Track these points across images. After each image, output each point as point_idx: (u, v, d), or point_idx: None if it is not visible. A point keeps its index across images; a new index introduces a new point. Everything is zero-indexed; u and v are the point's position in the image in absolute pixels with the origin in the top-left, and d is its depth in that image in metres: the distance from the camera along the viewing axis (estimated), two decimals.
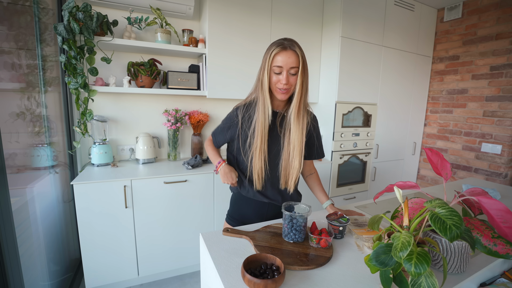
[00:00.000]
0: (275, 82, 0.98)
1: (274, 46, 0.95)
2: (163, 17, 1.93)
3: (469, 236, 0.62)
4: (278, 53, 0.94)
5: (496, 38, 2.39)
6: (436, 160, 0.73)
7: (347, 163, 2.46)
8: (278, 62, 0.94)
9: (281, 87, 0.98)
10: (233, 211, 1.22)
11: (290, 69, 0.95)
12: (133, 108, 2.11)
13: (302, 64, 0.96)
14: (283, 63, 0.94)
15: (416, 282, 0.53)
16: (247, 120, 1.06)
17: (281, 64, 0.94)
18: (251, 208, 1.16)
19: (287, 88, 0.98)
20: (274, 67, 0.96)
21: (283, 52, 0.94)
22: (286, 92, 0.99)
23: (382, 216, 0.71)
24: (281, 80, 0.96)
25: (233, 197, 1.23)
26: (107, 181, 1.59)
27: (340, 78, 2.27)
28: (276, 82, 0.98)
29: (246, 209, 1.17)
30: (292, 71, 0.96)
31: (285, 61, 0.94)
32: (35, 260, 1.35)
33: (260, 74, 1.01)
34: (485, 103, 2.49)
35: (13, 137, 1.21)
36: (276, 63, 0.95)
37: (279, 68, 0.95)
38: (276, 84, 0.98)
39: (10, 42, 1.24)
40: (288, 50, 0.94)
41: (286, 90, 0.99)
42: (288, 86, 0.98)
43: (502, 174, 2.40)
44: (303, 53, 0.98)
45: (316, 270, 0.74)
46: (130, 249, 1.73)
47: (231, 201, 1.24)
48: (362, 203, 1.32)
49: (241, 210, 1.18)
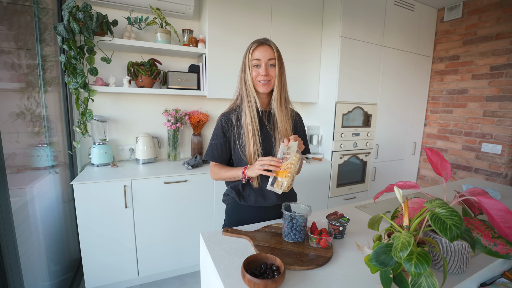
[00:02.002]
0: (255, 76, 1.05)
1: (251, 44, 1.06)
2: (163, 17, 1.93)
3: (469, 236, 0.62)
4: (255, 48, 1.04)
5: (496, 38, 2.39)
6: (436, 160, 0.73)
7: (347, 163, 2.46)
8: (256, 56, 1.03)
9: (262, 79, 1.04)
10: (231, 221, 1.18)
11: (268, 61, 1.03)
12: (133, 108, 2.11)
13: (278, 57, 1.05)
14: (260, 56, 1.03)
15: (416, 282, 0.53)
16: (237, 122, 1.09)
17: (259, 57, 1.03)
18: (251, 216, 1.13)
19: (268, 80, 1.05)
20: (254, 60, 1.04)
21: (260, 47, 1.04)
22: (267, 83, 1.05)
23: (382, 216, 0.71)
24: (261, 72, 1.04)
25: (230, 207, 1.19)
26: (107, 181, 1.59)
27: (340, 78, 2.27)
28: (256, 75, 1.05)
29: (245, 217, 1.14)
30: (270, 63, 1.04)
31: (262, 54, 1.03)
32: (35, 260, 1.35)
33: (242, 73, 1.08)
34: (485, 103, 2.49)
35: (13, 137, 1.21)
36: (255, 57, 1.03)
37: (258, 61, 1.03)
38: (257, 78, 1.05)
39: (10, 42, 1.24)
40: (264, 45, 1.04)
41: (267, 81, 1.05)
42: (268, 77, 1.04)
43: (502, 174, 2.39)
44: (278, 49, 1.07)
45: (316, 270, 0.74)
46: (130, 249, 1.72)
47: (228, 212, 1.20)
48: (362, 203, 1.32)
49: (240, 220, 1.14)
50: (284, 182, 0.90)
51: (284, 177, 0.90)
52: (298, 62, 2.35)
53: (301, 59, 2.36)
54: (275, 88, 1.07)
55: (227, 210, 1.21)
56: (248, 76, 1.05)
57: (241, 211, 1.14)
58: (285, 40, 2.24)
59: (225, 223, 1.20)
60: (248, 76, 1.05)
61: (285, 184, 0.90)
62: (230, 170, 1.08)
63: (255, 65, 1.04)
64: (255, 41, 1.06)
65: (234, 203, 1.16)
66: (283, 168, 0.91)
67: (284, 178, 0.90)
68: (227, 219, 1.21)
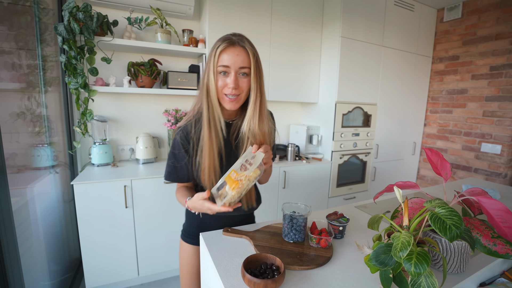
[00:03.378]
0: (221, 87, 0.80)
1: (219, 42, 0.78)
2: (163, 17, 1.93)
3: (468, 236, 0.62)
4: (224, 49, 0.77)
5: (496, 38, 2.39)
6: (436, 160, 0.73)
7: (347, 163, 2.46)
8: (225, 61, 0.77)
9: (229, 93, 0.79)
10: (191, 226, 1.02)
11: (240, 70, 0.78)
12: (133, 108, 2.11)
13: (255, 64, 0.79)
14: (230, 61, 0.77)
15: (416, 282, 0.54)
16: (198, 140, 0.86)
17: (227, 63, 0.77)
18: (213, 223, 1.00)
19: (237, 94, 0.80)
20: (220, 67, 0.78)
21: (231, 48, 0.77)
22: (235, 100, 0.81)
23: (382, 216, 0.71)
24: (228, 83, 0.78)
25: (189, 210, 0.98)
26: (107, 181, 1.60)
27: (340, 78, 2.27)
28: (222, 86, 0.80)
29: (207, 223, 1.00)
30: (242, 71, 0.79)
31: (232, 60, 0.77)
32: (36, 260, 1.35)
33: (204, 78, 0.82)
34: (484, 103, 2.50)
35: (13, 137, 1.21)
36: (222, 62, 0.77)
37: (226, 68, 0.78)
38: (223, 90, 0.80)
39: (10, 42, 1.25)
40: (237, 46, 0.77)
41: (236, 97, 0.81)
42: (238, 91, 0.80)
43: (501, 174, 2.40)
44: (256, 51, 0.81)
45: (316, 270, 0.74)
46: (130, 249, 1.73)
47: (188, 215, 1.04)
48: (362, 203, 1.32)
49: (201, 226, 1.00)
50: (228, 194, 0.74)
51: (231, 189, 0.74)
52: (298, 62, 2.35)
53: (301, 59, 2.36)
54: (250, 104, 0.83)
55: (187, 213, 1.05)
56: (213, 84, 0.79)
57: (203, 215, 0.99)
58: (285, 40, 2.24)
59: (184, 227, 1.06)
60: (212, 84, 0.79)
61: (227, 198, 0.73)
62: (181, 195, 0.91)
63: (222, 72, 0.79)
64: (225, 37, 0.79)
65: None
66: (236, 178, 0.75)
67: (230, 190, 0.74)
68: (186, 223, 1.05)
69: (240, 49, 0.78)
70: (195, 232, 1.02)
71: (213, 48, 0.79)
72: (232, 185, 0.74)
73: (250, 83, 0.81)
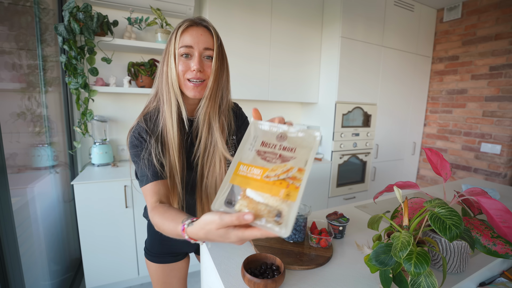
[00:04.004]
0: (183, 71, 0.71)
1: (180, 23, 0.71)
2: (163, 17, 1.93)
3: (468, 235, 0.62)
4: (186, 29, 0.70)
5: (496, 38, 2.39)
6: (436, 160, 0.74)
7: (347, 163, 2.46)
8: (187, 41, 0.69)
9: (192, 76, 0.71)
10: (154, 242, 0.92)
11: (204, 51, 0.71)
12: (134, 108, 2.11)
13: (218, 46, 0.73)
14: (193, 41, 0.70)
15: (415, 281, 0.54)
16: (153, 135, 0.74)
17: (190, 43, 0.69)
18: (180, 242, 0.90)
19: (202, 79, 0.72)
20: (182, 48, 0.70)
21: (194, 27, 0.71)
22: (200, 85, 0.72)
23: (382, 216, 0.71)
24: (192, 65, 0.70)
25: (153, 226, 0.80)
26: (108, 181, 1.60)
27: (340, 78, 2.27)
28: (184, 71, 0.71)
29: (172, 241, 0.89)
30: (207, 54, 0.72)
31: (195, 39, 0.70)
32: (36, 260, 1.35)
33: (163, 65, 0.74)
34: (484, 103, 2.50)
35: (13, 137, 1.21)
36: (184, 43, 0.69)
37: (188, 49, 0.70)
38: (185, 74, 0.71)
39: (11, 43, 1.25)
40: (200, 27, 0.71)
41: (201, 82, 0.72)
42: (203, 75, 0.72)
43: (501, 174, 2.40)
44: (219, 36, 0.75)
45: (316, 270, 0.74)
46: (131, 248, 1.73)
47: (150, 230, 0.93)
48: (362, 203, 1.32)
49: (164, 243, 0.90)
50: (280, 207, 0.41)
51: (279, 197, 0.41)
52: (298, 62, 2.35)
53: (301, 59, 2.36)
54: (208, 89, 0.74)
55: (150, 228, 0.94)
56: (173, 69, 0.70)
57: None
58: (285, 40, 2.24)
59: (146, 245, 0.95)
60: (173, 69, 0.70)
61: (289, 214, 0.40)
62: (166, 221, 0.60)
63: (184, 54, 0.70)
64: (186, 20, 0.72)
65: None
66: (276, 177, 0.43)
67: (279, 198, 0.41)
68: (149, 239, 0.95)
69: (204, 29, 0.72)
70: (158, 249, 0.92)
71: (174, 30, 0.71)
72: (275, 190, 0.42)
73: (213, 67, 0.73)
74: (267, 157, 0.46)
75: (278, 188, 0.42)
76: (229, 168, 0.47)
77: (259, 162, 0.46)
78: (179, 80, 0.72)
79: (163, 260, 0.93)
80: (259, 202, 0.42)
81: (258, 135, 0.49)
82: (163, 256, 0.93)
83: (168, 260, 0.94)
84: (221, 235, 0.44)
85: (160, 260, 0.93)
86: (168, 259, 0.94)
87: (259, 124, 0.50)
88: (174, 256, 0.95)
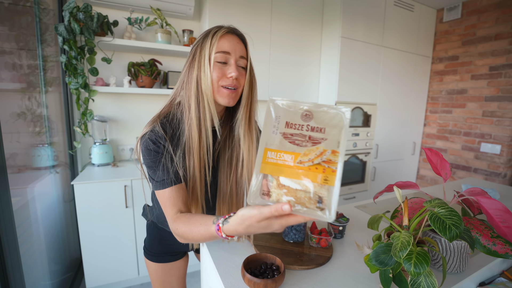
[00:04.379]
0: (218, 77, 0.68)
1: (215, 29, 0.68)
2: (163, 18, 1.93)
3: (468, 235, 0.62)
4: (224, 35, 0.68)
5: (495, 38, 2.39)
6: (436, 160, 0.74)
7: (346, 163, 2.46)
8: (225, 47, 0.67)
9: (228, 83, 0.68)
10: (153, 241, 0.93)
11: (239, 59, 0.70)
12: (134, 108, 2.11)
13: (249, 58, 0.73)
14: (230, 48, 0.67)
15: (415, 281, 0.54)
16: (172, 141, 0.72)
17: (228, 49, 0.67)
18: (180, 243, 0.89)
19: (236, 86, 0.70)
20: (219, 53, 0.67)
21: (230, 35, 0.69)
22: (234, 92, 0.70)
23: (381, 216, 0.71)
24: (228, 72, 0.68)
25: (153, 226, 0.93)
26: (108, 181, 1.60)
27: (340, 78, 2.27)
28: (220, 77, 0.68)
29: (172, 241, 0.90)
30: (241, 63, 0.71)
31: (233, 46, 0.68)
32: (36, 260, 1.35)
33: (190, 71, 0.70)
34: (484, 103, 2.50)
35: (14, 137, 1.21)
36: (222, 48, 0.67)
37: (226, 55, 0.67)
38: (220, 81, 0.68)
39: (11, 43, 1.25)
40: (235, 35, 0.70)
41: (234, 89, 0.70)
42: (237, 83, 0.70)
43: (501, 174, 2.40)
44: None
45: (316, 269, 0.74)
46: (131, 248, 1.73)
47: (150, 230, 0.95)
48: (362, 203, 1.32)
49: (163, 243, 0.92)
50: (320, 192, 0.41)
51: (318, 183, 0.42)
52: (298, 62, 2.35)
53: (301, 59, 2.36)
54: (243, 100, 0.73)
55: (149, 228, 0.96)
56: (207, 75, 0.67)
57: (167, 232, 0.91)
58: (285, 40, 2.24)
59: (146, 244, 0.96)
60: (206, 75, 0.67)
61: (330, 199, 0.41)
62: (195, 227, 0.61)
63: (221, 61, 0.68)
64: (220, 25, 0.70)
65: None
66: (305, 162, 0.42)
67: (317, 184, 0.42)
68: (148, 239, 0.96)
69: (238, 38, 0.70)
70: (157, 248, 0.93)
71: (207, 35, 0.68)
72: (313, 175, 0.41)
73: (246, 77, 0.71)
74: (296, 140, 0.43)
75: (314, 173, 0.41)
76: (257, 157, 0.44)
77: (287, 147, 0.43)
78: (213, 86, 0.69)
79: (162, 260, 0.94)
80: (297, 190, 0.42)
81: (280, 115, 0.45)
82: (162, 255, 0.94)
83: (167, 259, 0.95)
84: (263, 226, 0.46)
85: (159, 259, 0.94)
86: (167, 258, 0.95)
87: (278, 101, 0.45)
88: (173, 255, 0.96)
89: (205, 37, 0.68)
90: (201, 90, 0.69)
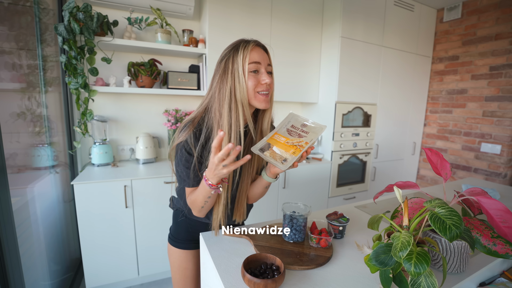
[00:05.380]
0: (254, 85, 0.78)
1: (244, 43, 0.79)
2: (163, 17, 1.93)
3: (468, 236, 0.62)
4: (253, 48, 0.79)
5: (496, 38, 2.39)
6: (436, 160, 0.74)
7: (347, 163, 2.46)
8: (256, 57, 0.78)
9: (263, 89, 0.79)
10: (180, 229, 1.00)
11: (268, 67, 0.81)
12: (133, 108, 2.11)
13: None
14: (260, 58, 0.79)
15: (415, 281, 0.54)
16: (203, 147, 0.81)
17: (259, 60, 0.78)
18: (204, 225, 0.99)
19: (268, 90, 0.81)
20: (252, 64, 0.77)
21: (258, 47, 0.80)
22: (267, 95, 0.81)
23: (382, 216, 0.71)
24: (262, 79, 0.78)
25: (180, 215, 1.00)
26: (108, 181, 1.60)
27: (340, 78, 2.27)
28: (255, 85, 0.78)
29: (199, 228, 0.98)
30: (269, 69, 0.82)
31: (262, 56, 0.79)
32: (36, 260, 1.35)
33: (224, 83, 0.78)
34: (484, 103, 2.50)
35: (13, 137, 1.21)
36: (254, 59, 0.78)
37: (257, 65, 0.78)
38: (256, 88, 0.79)
39: (10, 43, 1.25)
40: (260, 47, 0.82)
41: (268, 93, 0.81)
42: (269, 87, 0.81)
43: (501, 174, 2.40)
44: None
45: (316, 270, 0.74)
46: (130, 249, 1.73)
47: (175, 217, 1.02)
48: (362, 203, 1.32)
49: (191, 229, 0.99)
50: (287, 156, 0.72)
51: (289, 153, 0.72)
52: (298, 62, 2.35)
53: (301, 59, 2.36)
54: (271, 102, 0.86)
55: (175, 216, 1.03)
56: (243, 87, 0.77)
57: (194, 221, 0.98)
58: (285, 40, 2.24)
59: (171, 231, 1.03)
60: (242, 87, 0.76)
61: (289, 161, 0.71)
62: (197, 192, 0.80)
63: (254, 70, 0.78)
64: (246, 39, 0.81)
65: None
66: (289, 143, 0.74)
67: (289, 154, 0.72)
68: (174, 226, 1.03)
69: (262, 50, 0.82)
70: (184, 236, 1.00)
71: (237, 49, 0.78)
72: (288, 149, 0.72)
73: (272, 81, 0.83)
74: (291, 133, 0.78)
75: (289, 148, 0.73)
76: (269, 133, 0.79)
77: (285, 135, 0.78)
78: (249, 94, 0.79)
79: (186, 247, 1.01)
80: (277, 153, 0.74)
81: (291, 121, 0.82)
82: (187, 242, 1.00)
83: (190, 246, 1.01)
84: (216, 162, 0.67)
85: (184, 246, 1.00)
86: (190, 245, 1.01)
87: (295, 115, 0.84)
88: (195, 242, 1.02)
89: (235, 51, 0.78)
90: (235, 98, 0.78)
